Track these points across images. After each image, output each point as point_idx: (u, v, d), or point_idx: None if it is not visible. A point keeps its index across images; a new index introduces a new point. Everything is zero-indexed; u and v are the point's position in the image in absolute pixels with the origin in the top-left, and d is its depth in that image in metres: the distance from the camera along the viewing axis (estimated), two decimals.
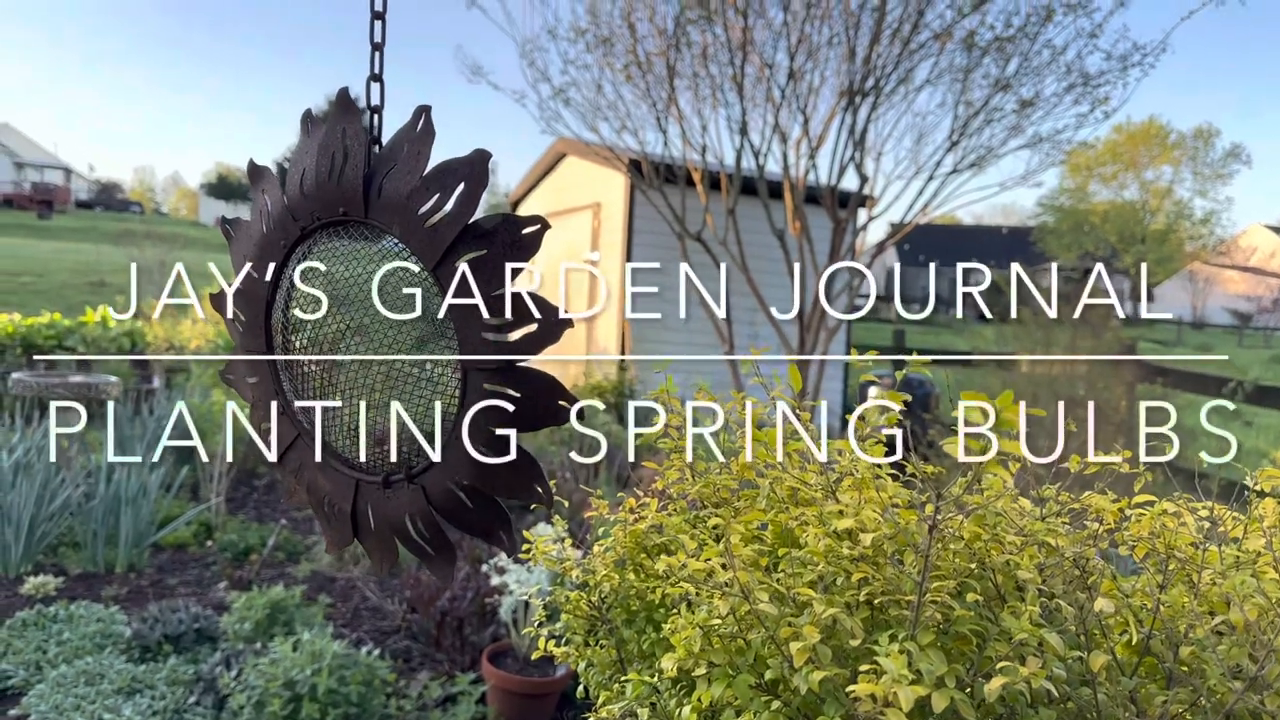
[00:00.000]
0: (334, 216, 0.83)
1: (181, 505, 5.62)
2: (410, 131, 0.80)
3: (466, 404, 0.78)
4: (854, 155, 6.92)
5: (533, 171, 10.99)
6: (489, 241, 0.75)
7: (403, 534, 0.86)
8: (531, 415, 0.77)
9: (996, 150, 6.66)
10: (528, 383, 0.77)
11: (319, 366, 0.87)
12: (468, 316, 0.76)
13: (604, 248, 9.07)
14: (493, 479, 0.80)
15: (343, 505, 0.89)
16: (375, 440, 0.86)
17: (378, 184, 0.80)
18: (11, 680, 3.46)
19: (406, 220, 0.78)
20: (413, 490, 0.84)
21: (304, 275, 0.85)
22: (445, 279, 0.76)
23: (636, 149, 7.62)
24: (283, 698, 2.96)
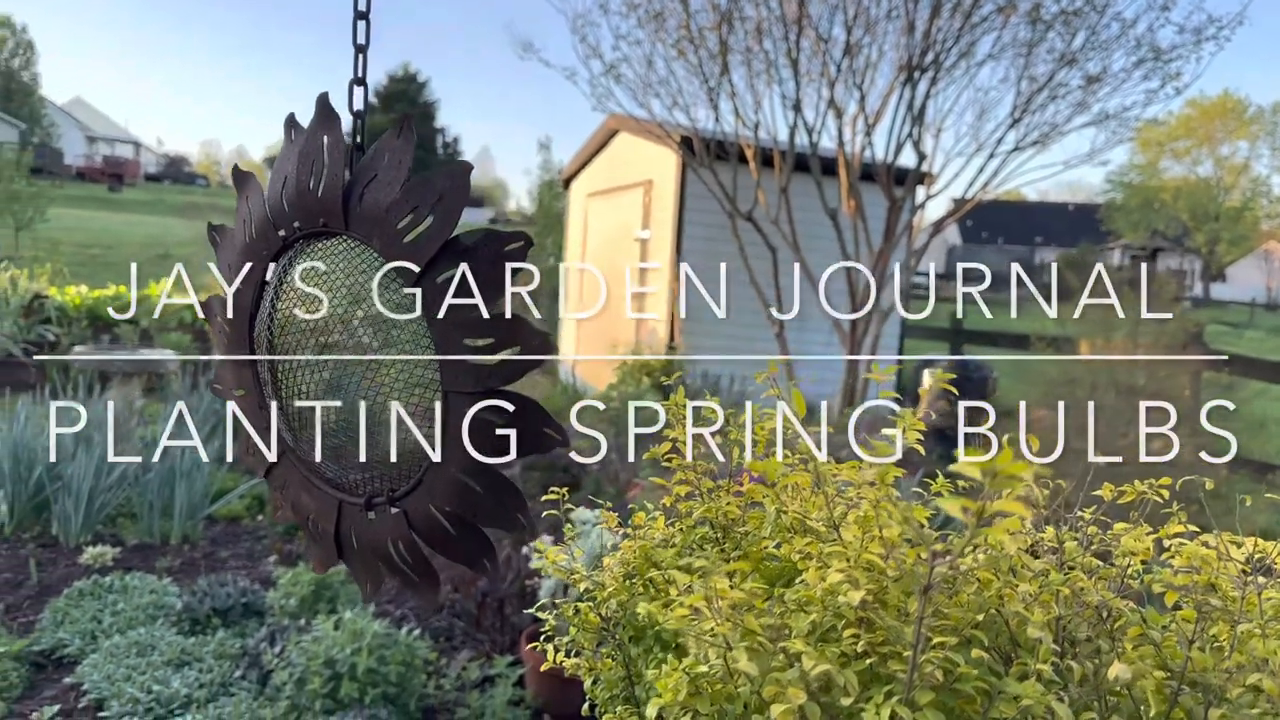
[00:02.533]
0: (315, 227, 0.80)
1: (235, 479, 5.73)
2: (392, 140, 0.77)
3: (448, 428, 0.74)
4: (911, 132, 6.75)
5: (585, 148, 10.94)
6: (470, 258, 0.72)
7: (386, 559, 0.83)
8: (516, 443, 0.74)
9: (1061, 127, 6.44)
10: (513, 409, 0.73)
11: (302, 383, 0.84)
12: (448, 336, 0.73)
13: (655, 226, 9.00)
14: (474, 506, 0.77)
15: (326, 526, 0.86)
16: (357, 462, 0.83)
17: (358, 195, 0.77)
18: (68, 649, 3.56)
19: (386, 234, 0.75)
20: (395, 515, 0.81)
21: (285, 288, 0.82)
22: (425, 296, 0.73)
23: (688, 126, 7.53)
24: (323, 676, 2.99)
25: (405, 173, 0.75)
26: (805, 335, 8.79)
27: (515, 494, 0.76)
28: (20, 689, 3.33)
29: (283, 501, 0.92)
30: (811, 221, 7.58)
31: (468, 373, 0.72)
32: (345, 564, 0.90)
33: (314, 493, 0.86)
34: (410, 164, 0.75)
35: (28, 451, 4.82)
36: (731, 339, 8.69)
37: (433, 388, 0.76)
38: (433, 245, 0.72)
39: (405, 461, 0.79)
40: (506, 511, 0.76)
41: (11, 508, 4.74)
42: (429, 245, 0.73)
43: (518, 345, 0.71)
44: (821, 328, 8.33)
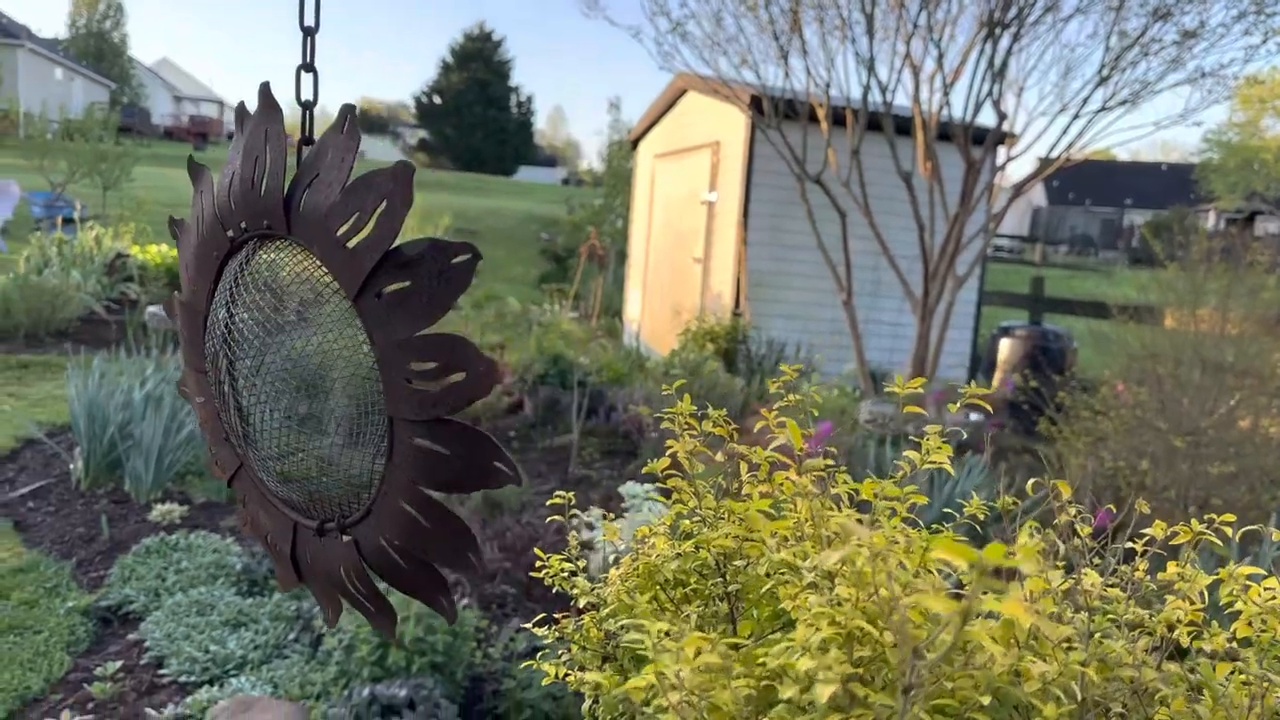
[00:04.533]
0: (261, 229, 0.73)
1: None
2: (335, 135, 0.69)
3: (394, 457, 0.67)
4: (992, 90, 6.45)
5: (653, 108, 10.76)
6: (413, 272, 0.64)
7: (341, 587, 0.77)
8: (462, 476, 0.66)
9: (1153, 86, 6.08)
10: (458, 440, 0.66)
11: (246, 397, 0.78)
12: (391, 358, 0.65)
13: (722, 188, 8.82)
14: (423, 542, 0.70)
15: (283, 546, 0.81)
16: (302, 484, 0.77)
17: (299, 196, 0.70)
18: (133, 605, 3.65)
19: (326, 241, 0.68)
20: (346, 543, 0.75)
21: (236, 293, 0.75)
22: (366, 313, 0.66)
23: (757, 85, 7.32)
24: (371, 644, 3.01)
25: (347, 173, 0.67)
26: (877, 302, 8.58)
27: (465, 533, 0.69)
28: (87, 643, 3.43)
29: (245, 515, 0.87)
30: (884, 184, 7.34)
31: (411, 399, 0.65)
32: (307, 586, 0.84)
33: (270, 511, 0.80)
34: (353, 162, 0.67)
35: (102, 410, 4.95)
36: (799, 305, 8.52)
37: (380, 412, 0.69)
38: (372, 255, 0.65)
39: (354, 488, 0.72)
40: (457, 551, 0.69)
41: (87, 464, 4.88)
42: (368, 255, 0.65)
43: (462, 371, 0.63)
44: (894, 294, 8.11)
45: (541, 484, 5.75)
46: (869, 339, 8.02)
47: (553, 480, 5.85)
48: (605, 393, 7.09)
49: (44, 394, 6.68)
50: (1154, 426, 4.46)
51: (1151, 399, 4.62)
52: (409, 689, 2.87)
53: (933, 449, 0.83)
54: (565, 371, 6.99)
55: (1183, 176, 36.80)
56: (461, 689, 3.10)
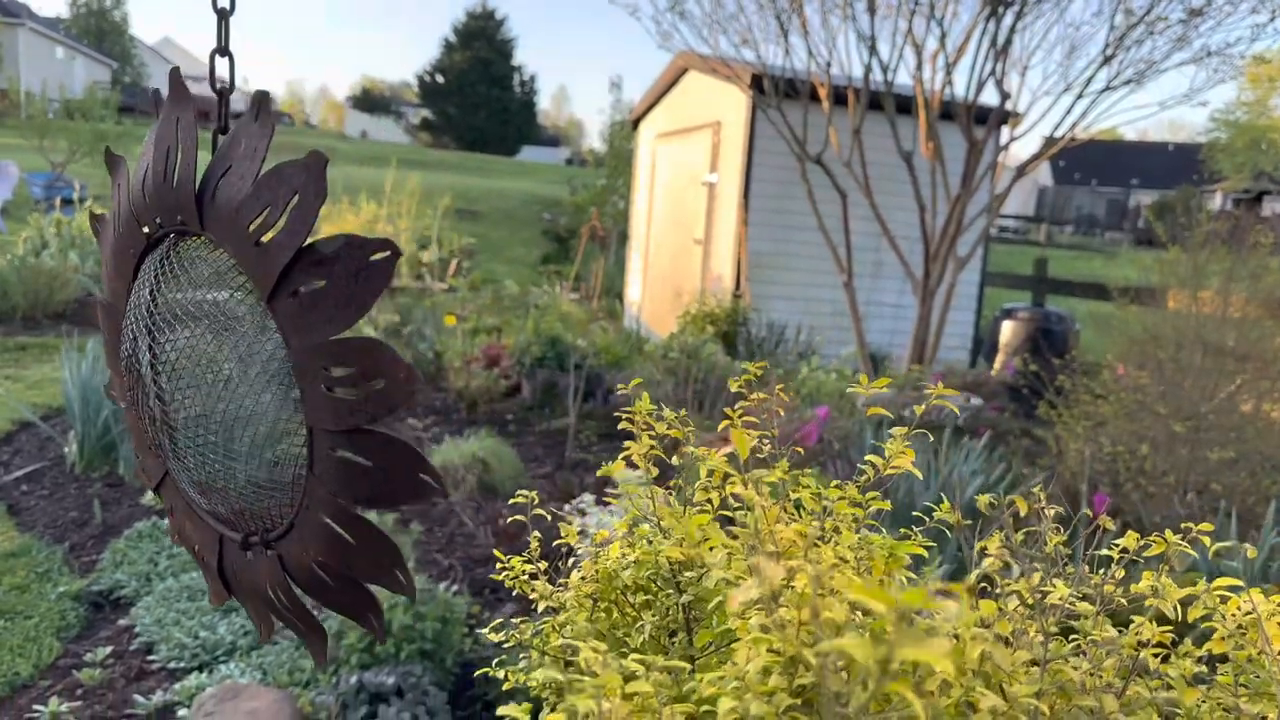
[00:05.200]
0: (175, 225, 0.69)
1: None
2: (248, 124, 0.65)
3: (314, 468, 0.64)
4: (994, 69, 6.36)
5: (654, 87, 10.66)
6: (328, 270, 0.60)
7: (269, 604, 0.74)
8: (386, 490, 0.63)
9: (1158, 65, 5.99)
10: (380, 452, 0.62)
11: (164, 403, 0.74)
12: (307, 363, 0.62)
13: (723, 168, 8.75)
14: (348, 559, 0.66)
15: (210, 559, 0.77)
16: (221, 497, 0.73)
17: (211, 189, 0.66)
18: (124, 590, 3.64)
19: (238, 237, 0.64)
20: (271, 558, 0.72)
21: (153, 293, 0.71)
22: (281, 314, 0.62)
23: (757, 63, 7.24)
24: (359, 631, 2.99)
25: (259, 164, 0.63)
26: (878, 283, 8.52)
27: (392, 551, 0.65)
28: (77, 628, 3.42)
29: (173, 525, 0.83)
30: (885, 164, 7.27)
31: (329, 407, 0.61)
32: (239, 601, 0.81)
33: (196, 522, 0.77)
34: (265, 152, 0.63)
35: (96, 393, 4.93)
36: (800, 287, 8.47)
37: (298, 421, 0.65)
38: (284, 253, 0.61)
39: (274, 500, 0.69)
40: (384, 569, 0.66)
41: (81, 447, 4.86)
42: (280, 253, 0.61)
43: (381, 378, 0.59)
44: (895, 275, 8.05)
45: (538, 467, 5.72)
46: (870, 321, 7.97)
47: (549, 463, 5.83)
48: (604, 375, 7.06)
49: (41, 376, 6.66)
50: (1154, 411, 4.41)
51: (1152, 383, 4.57)
52: (397, 676, 2.85)
53: (896, 454, 0.79)
54: (563, 354, 6.95)
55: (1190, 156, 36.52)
56: (452, 675, 3.08)
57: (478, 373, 6.83)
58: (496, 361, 7.11)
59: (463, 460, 5.15)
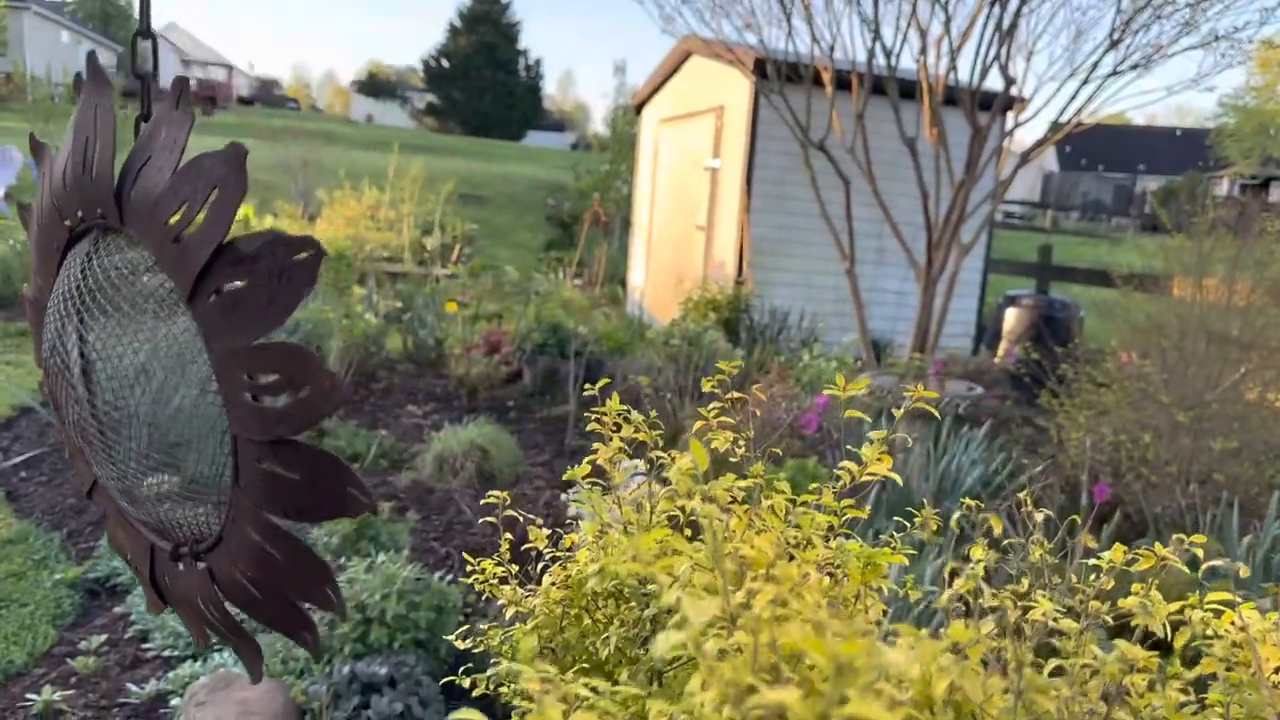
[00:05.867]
0: (96, 219, 0.66)
1: None
2: (168, 111, 0.61)
3: (240, 479, 0.61)
4: (999, 54, 6.29)
5: (657, 72, 10.58)
6: (249, 270, 0.57)
7: (201, 616, 0.71)
8: (311, 503, 0.60)
9: (1165, 50, 5.91)
10: (307, 465, 0.59)
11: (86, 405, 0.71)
12: (228, 370, 0.59)
13: (725, 154, 8.69)
14: (276, 576, 0.63)
15: (142, 568, 0.74)
16: (148, 506, 0.70)
17: (131, 181, 0.62)
18: (120, 578, 3.63)
19: (156, 233, 0.60)
20: (201, 570, 0.69)
21: (77, 294, 0.68)
22: (201, 316, 0.59)
23: (760, 48, 7.17)
24: (353, 620, 2.97)
25: (179, 155, 0.59)
26: (881, 270, 8.47)
27: (321, 569, 0.63)
28: (73, 616, 3.42)
29: (109, 531, 0.81)
30: (888, 150, 7.21)
31: (252, 416, 0.58)
32: (175, 610, 0.78)
33: (128, 529, 0.74)
34: (185, 142, 0.59)
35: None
36: (802, 274, 8.42)
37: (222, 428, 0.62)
38: (203, 251, 0.58)
39: (201, 511, 0.66)
40: (312, 586, 0.63)
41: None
42: (199, 251, 0.58)
43: (305, 385, 0.56)
44: (898, 262, 8.00)
45: (538, 455, 5.71)
46: (872, 308, 7.92)
47: (549, 451, 5.81)
48: (605, 362, 7.03)
49: None
50: (1157, 400, 4.37)
51: (1155, 371, 4.53)
52: (390, 666, 2.83)
53: (873, 459, 0.76)
54: (564, 340, 6.92)
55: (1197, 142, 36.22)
56: (446, 665, 3.07)
57: (478, 359, 6.81)
58: (497, 348, 7.08)
59: (462, 448, 5.13)
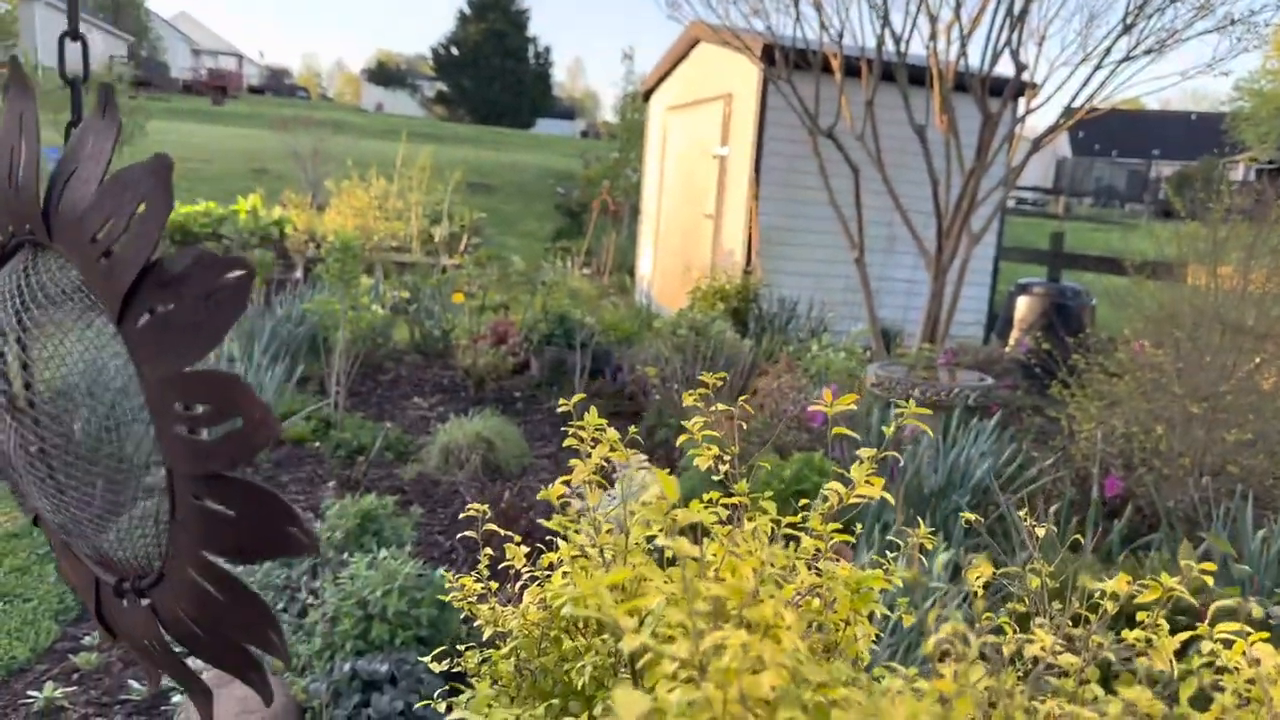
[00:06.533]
0: (25, 235, 0.62)
1: (304, 400, 5.76)
2: (95, 120, 0.58)
3: (177, 515, 0.58)
4: (1011, 39, 6.20)
5: (665, 59, 10.50)
6: (177, 292, 0.53)
7: (148, 654, 0.68)
8: (250, 542, 0.56)
9: (1180, 34, 5.82)
10: (244, 502, 0.55)
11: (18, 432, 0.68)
12: (159, 398, 0.55)
13: (734, 141, 8.61)
14: (218, 617, 0.60)
15: (88, 601, 0.71)
16: (85, 540, 0.67)
17: (58, 194, 0.58)
18: None
19: (83, 250, 0.57)
20: (145, 607, 0.65)
21: (14, 312, 0.65)
22: (131, 340, 0.55)
23: (768, 34, 7.09)
24: (354, 616, 2.95)
25: (104, 166, 0.56)
26: (891, 259, 8.40)
27: (264, 612, 0.59)
28: (75, 611, 3.41)
29: (58, 560, 0.77)
30: (898, 137, 7.12)
31: (185, 449, 0.55)
32: (127, 644, 0.75)
33: (73, 561, 0.71)
34: (110, 153, 0.55)
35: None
36: (812, 263, 8.35)
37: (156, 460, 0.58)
38: (129, 271, 0.54)
39: (140, 546, 0.63)
40: (256, 629, 0.59)
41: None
42: (125, 271, 0.54)
43: (236, 417, 0.53)
44: (908, 250, 7.92)
45: (544, 446, 5.68)
46: (882, 296, 7.85)
47: (555, 443, 5.78)
48: (613, 352, 6.99)
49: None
50: (1170, 391, 4.31)
51: (1168, 362, 4.46)
52: (391, 663, 2.81)
53: (862, 480, 0.72)
54: (571, 331, 6.89)
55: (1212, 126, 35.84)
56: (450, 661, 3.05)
57: (485, 350, 6.79)
58: (504, 339, 7.06)
59: (467, 440, 5.11)
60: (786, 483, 3.54)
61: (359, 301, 6.61)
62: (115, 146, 0.55)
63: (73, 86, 0.66)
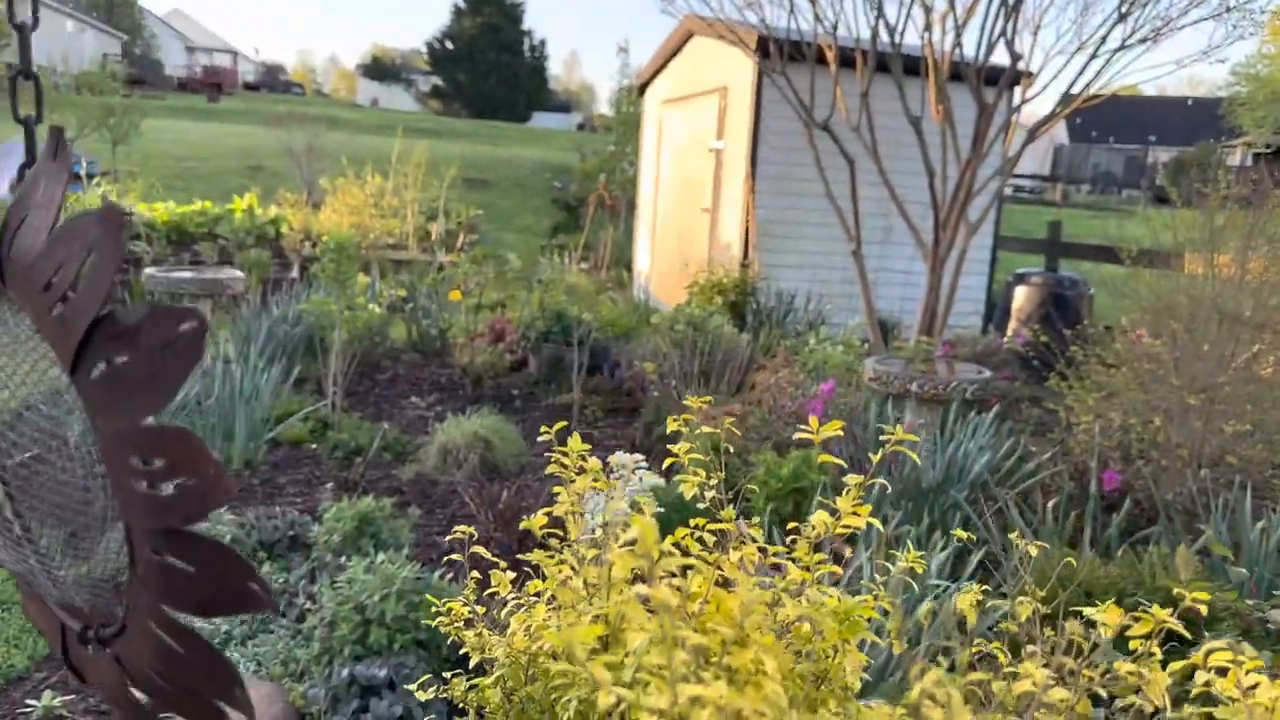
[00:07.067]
0: None
1: (301, 401, 5.75)
2: (46, 161, 0.56)
3: (136, 568, 0.57)
4: (1005, 29, 6.17)
5: (660, 52, 10.46)
6: (131, 344, 0.52)
7: (116, 702, 0.67)
8: (208, 597, 0.55)
9: (1175, 22, 5.79)
10: (197, 555, 0.54)
11: None
12: (114, 452, 0.54)
13: (729, 135, 8.59)
14: (179, 671, 0.59)
15: (55, 646, 0.70)
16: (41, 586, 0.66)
17: (9, 241, 0.57)
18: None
19: (34, 300, 0.55)
20: (109, 656, 0.64)
21: None
22: (85, 392, 0.54)
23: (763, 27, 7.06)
24: (352, 621, 2.95)
25: (55, 213, 0.54)
26: (888, 250, 8.38)
27: (225, 669, 0.58)
28: None
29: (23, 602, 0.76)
30: (894, 129, 7.09)
31: (143, 504, 0.53)
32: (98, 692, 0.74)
33: (38, 605, 0.70)
34: (61, 199, 0.54)
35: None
36: (809, 255, 8.34)
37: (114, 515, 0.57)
38: (81, 321, 0.52)
39: (101, 597, 0.61)
40: (218, 686, 0.58)
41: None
42: (77, 321, 0.53)
43: (191, 474, 0.51)
44: (905, 241, 7.90)
45: (542, 444, 5.67)
46: (880, 288, 7.83)
47: None
48: (610, 349, 6.98)
49: None
50: (1167, 382, 4.29)
51: (1166, 353, 4.44)
52: (389, 668, 2.81)
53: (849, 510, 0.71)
54: (568, 328, 6.88)
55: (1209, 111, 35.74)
56: (448, 665, 3.04)
57: (483, 348, 6.78)
58: (502, 336, 7.04)
59: (465, 439, 5.10)
60: (784, 481, 3.54)
61: (355, 301, 6.59)
62: (66, 191, 0.54)
63: (25, 126, 0.64)
